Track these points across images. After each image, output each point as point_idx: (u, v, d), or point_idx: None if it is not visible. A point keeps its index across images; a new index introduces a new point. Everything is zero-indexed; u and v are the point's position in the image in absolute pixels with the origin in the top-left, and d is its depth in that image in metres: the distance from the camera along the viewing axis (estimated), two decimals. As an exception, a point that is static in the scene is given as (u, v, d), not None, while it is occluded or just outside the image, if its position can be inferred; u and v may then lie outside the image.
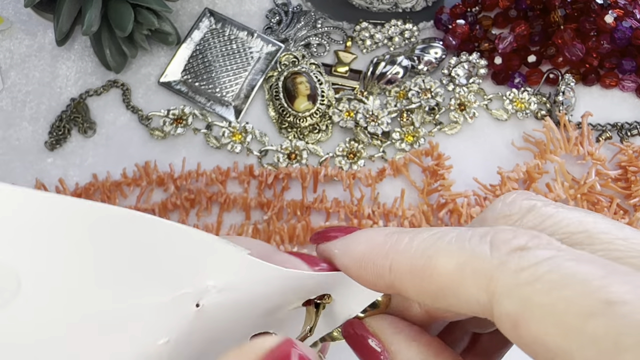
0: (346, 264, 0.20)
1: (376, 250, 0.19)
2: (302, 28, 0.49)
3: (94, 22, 0.42)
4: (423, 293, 0.17)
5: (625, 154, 0.44)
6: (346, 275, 0.21)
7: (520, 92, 0.47)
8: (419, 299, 0.18)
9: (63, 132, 0.47)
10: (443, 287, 0.17)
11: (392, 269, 0.18)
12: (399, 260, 0.18)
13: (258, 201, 0.44)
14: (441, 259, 0.17)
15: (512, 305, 0.15)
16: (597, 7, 0.45)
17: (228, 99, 0.47)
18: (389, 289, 0.18)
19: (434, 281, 0.17)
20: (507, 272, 0.15)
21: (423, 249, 0.17)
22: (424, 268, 0.17)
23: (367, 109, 0.46)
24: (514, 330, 0.15)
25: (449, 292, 0.16)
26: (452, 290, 0.16)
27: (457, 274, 0.16)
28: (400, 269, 0.18)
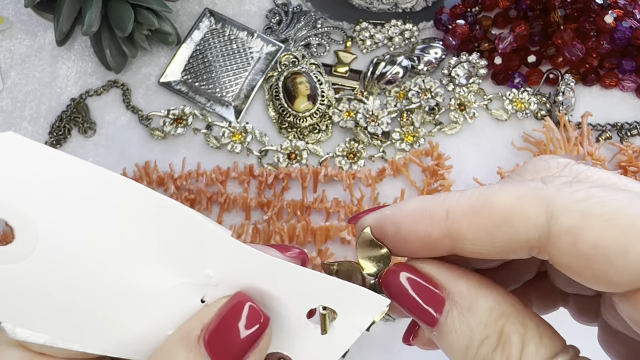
0: (398, 220, 0.20)
1: (431, 202, 0.20)
2: (302, 28, 0.49)
3: (94, 22, 0.42)
4: (480, 232, 0.18)
5: (625, 154, 0.44)
6: (348, 286, 0.21)
7: (520, 92, 0.47)
8: (475, 239, 0.19)
9: (63, 132, 0.47)
10: (502, 219, 0.18)
11: (449, 214, 0.19)
12: (456, 204, 0.19)
13: (258, 201, 0.44)
14: (500, 194, 0.18)
15: (572, 217, 0.17)
16: (597, 7, 0.46)
17: (228, 99, 0.47)
18: (444, 237, 0.19)
19: (494, 214, 0.18)
20: (564, 193, 0.17)
21: (479, 193, 0.19)
22: (483, 205, 0.18)
23: (367, 109, 0.46)
24: (573, 244, 0.17)
25: (507, 224, 0.18)
26: (510, 220, 0.18)
27: (517, 204, 0.18)
28: (458, 211, 0.19)
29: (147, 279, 0.21)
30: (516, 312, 0.19)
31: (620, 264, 0.16)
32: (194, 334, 0.20)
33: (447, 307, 0.19)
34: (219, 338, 0.19)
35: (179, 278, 0.21)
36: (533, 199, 0.17)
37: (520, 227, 0.18)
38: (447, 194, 0.20)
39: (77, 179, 0.19)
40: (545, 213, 0.17)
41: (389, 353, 0.42)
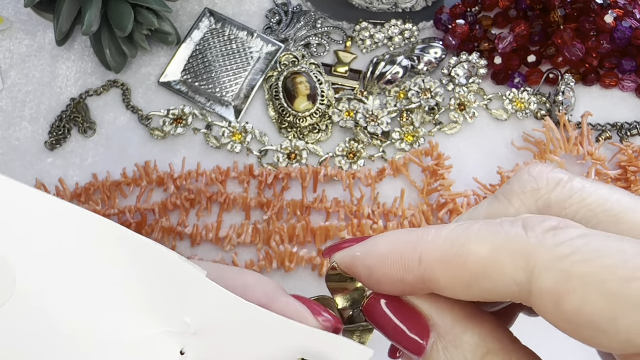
0: (370, 264, 0.19)
1: (403, 245, 0.18)
2: (302, 28, 0.49)
3: (94, 22, 0.42)
4: (456, 281, 0.17)
5: (625, 154, 0.44)
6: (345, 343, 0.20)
7: (520, 92, 0.47)
8: (451, 288, 0.17)
9: (63, 132, 0.47)
10: (478, 272, 0.16)
11: (422, 260, 0.18)
12: (429, 250, 0.18)
13: (258, 201, 0.44)
14: (474, 244, 0.17)
15: (553, 278, 0.15)
16: (597, 7, 0.46)
17: (228, 99, 0.47)
18: (418, 283, 0.18)
19: (469, 267, 0.17)
20: (545, 248, 0.15)
21: (454, 237, 0.17)
22: (457, 255, 0.17)
23: (367, 109, 0.46)
24: (556, 306, 0.15)
25: (483, 277, 0.16)
26: (487, 274, 0.16)
27: (493, 257, 0.16)
28: (430, 258, 0.17)
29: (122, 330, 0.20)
30: (503, 351, 0.17)
31: (610, 332, 0.15)
32: None
33: (432, 338, 0.18)
34: None
35: (156, 327, 0.20)
36: (511, 253, 0.16)
37: (498, 282, 0.16)
38: (422, 232, 0.18)
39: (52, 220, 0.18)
40: (525, 271, 0.16)
41: (389, 353, 0.42)
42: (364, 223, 0.42)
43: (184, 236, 0.44)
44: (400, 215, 0.43)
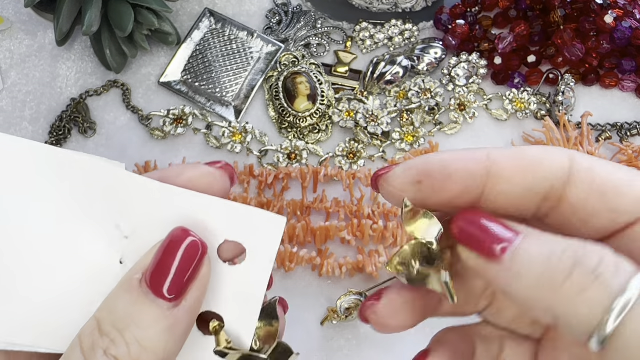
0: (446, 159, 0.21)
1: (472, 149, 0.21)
2: (302, 28, 0.49)
3: (94, 22, 0.42)
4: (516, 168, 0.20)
5: (625, 154, 0.44)
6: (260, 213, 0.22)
7: (520, 92, 0.47)
8: (510, 176, 0.20)
9: (63, 132, 0.47)
10: (535, 160, 0.20)
11: (490, 156, 0.21)
12: (496, 150, 0.21)
13: (258, 201, 0.44)
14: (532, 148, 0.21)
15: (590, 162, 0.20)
16: (597, 7, 0.46)
17: (228, 99, 0.47)
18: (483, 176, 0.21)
19: (528, 157, 0.21)
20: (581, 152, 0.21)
21: (514, 148, 0.21)
22: (519, 151, 0.21)
23: (367, 109, 0.46)
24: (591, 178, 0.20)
25: (538, 164, 0.21)
26: (542, 161, 0.21)
27: (547, 152, 0.21)
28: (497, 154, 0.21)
29: (66, 246, 0.21)
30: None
31: (628, 191, 0.19)
32: (135, 278, 0.20)
33: (524, 233, 0.19)
34: (159, 276, 0.20)
35: (95, 237, 0.21)
36: (557, 149, 0.21)
37: (550, 166, 0.20)
38: (490, 148, 0.22)
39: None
40: (569, 158, 0.20)
41: (389, 353, 0.42)
42: (364, 223, 0.42)
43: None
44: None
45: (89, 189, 0.21)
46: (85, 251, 0.21)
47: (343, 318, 0.41)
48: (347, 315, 0.41)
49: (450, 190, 0.21)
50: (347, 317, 0.41)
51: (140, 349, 0.19)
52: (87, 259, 0.21)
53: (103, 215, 0.21)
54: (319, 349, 0.42)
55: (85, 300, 0.21)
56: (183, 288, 0.20)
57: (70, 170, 0.21)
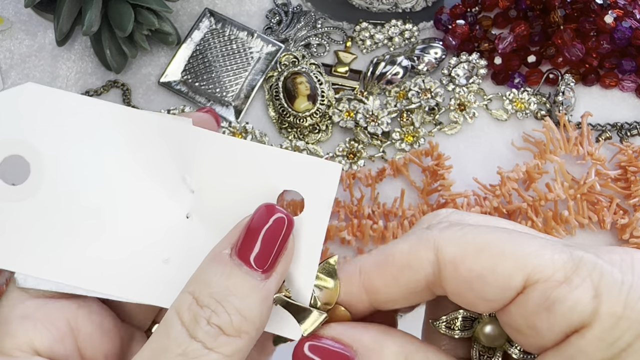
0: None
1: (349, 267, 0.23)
2: (302, 28, 0.49)
3: (94, 22, 0.42)
4: (387, 277, 0.22)
5: (625, 154, 0.44)
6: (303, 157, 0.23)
7: (520, 92, 0.47)
8: (384, 286, 0.22)
9: (63, 132, 0.47)
10: (402, 264, 0.22)
11: (361, 270, 0.22)
12: (365, 263, 0.23)
13: (258, 201, 0.44)
14: (398, 245, 0.22)
15: (453, 251, 0.21)
16: (597, 7, 0.46)
17: (228, 99, 0.47)
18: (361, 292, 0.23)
19: (396, 262, 0.22)
20: (445, 233, 0.21)
21: (382, 249, 0.23)
22: (386, 257, 0.22)
23: (367, 109, 0.46)
24: (455, 270, 0.21)
25: (407, 267, 0.21)
26: (409, 263, 0.21)
27: (411, 249, 0.22)
28: (367, 266, 0.22)
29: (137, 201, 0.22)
30: (419, 351, 0.21)
31: (492, 281, 0.20)
32: (224, 253, 0.21)
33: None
34: (249, 250, 0.21)
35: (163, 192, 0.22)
36: (422, 243, 0.21)
37: (418, 266, 0.21)
38: (359, 257, 0.23)
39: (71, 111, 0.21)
40: (433, 250, 0.21)
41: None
42: (364, 223, 0.42)
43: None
44: (400, 215, 0.43)
45: (156, 144, 0.22)
46: (153, 205, 0.22)
47: None
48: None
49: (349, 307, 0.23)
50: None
51: (241, 318, 0.20)
52: (155, 213, 0.22)
53: (170, 170, 0.22)
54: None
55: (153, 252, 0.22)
56: (273, 261, 0.21)
57: (139, 126, 0.22)
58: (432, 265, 0.21)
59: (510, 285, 0.20)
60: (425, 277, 0.21)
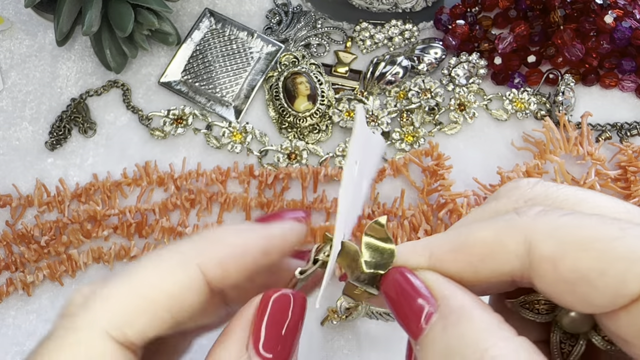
0: None
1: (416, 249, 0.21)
2: (302, 28, 0.49)
3: (94, 22, 0.42)
4: (464, 266, 0.19)
5: (625, 154, 0.44)
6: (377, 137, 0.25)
7: (520, 92, 0.47)
8: (460, 273, 0.20)
9: (63, 132, 0.47)
10: (484, 253, 0.19)
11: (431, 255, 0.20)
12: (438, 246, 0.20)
13: (258, 201, 0.44)
14: (479, 232, 0.19)
15: (551, 246, 0.18)
16: (597, 8, 0.46)
17: (228, 99, 0.47)
18: None
19: (476, 251, 0.19)
20: (539, 224, 0.18)
21: (458, 233, 0.20)
22: (465, 242, 0.19)
23: (367, 109, 0.46)
24: (554, 268, 0.18)
25: (489, 257, 0.19)
26: (492, 254, 0.19)
27: (496, 238, 0.19)
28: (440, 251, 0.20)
29: None
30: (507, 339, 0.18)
31: (600, 285, 0.17)
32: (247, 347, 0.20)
33: (434, 317, 0.19)
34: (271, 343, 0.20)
35: None
36: (511, 232, 0.19)
37: (503, 258, 0.19)
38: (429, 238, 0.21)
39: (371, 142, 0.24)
40: (524, 243, 0.18)
41: (389, 353, 0.42)
42: (364, 223, 0.42)
43: (184, 236, 0.44)
44: (400, 215, 0.43)
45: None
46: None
47: (343, 318, 0.41)
48: (347, 315, 0.41)
49: None
50: (347, 317, 0.41)
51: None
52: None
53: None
54: (319, 349, 0.42)
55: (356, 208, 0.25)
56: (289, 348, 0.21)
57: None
58: (520, 260, 0.18)
59: (624, 292, 0.17)
60: (511, 272, 0.19)
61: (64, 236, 0.44)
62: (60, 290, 0.44)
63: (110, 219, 0.44)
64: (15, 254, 0.44)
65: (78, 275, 0.44)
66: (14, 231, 0.44)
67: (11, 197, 0.45)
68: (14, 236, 0.44)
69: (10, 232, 0.44)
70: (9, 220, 0.45)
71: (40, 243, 0.44)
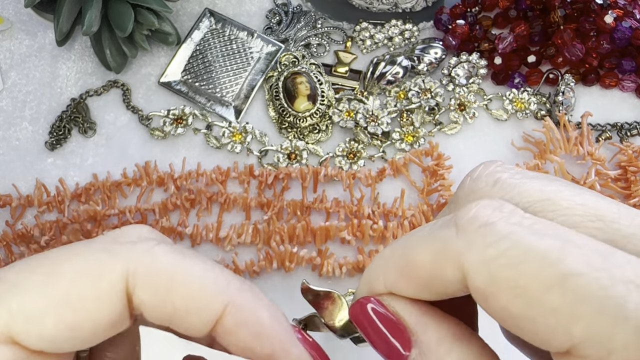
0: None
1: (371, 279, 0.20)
2: (302, 28, 0.49)
3: (94, 22, 0.42)
4: (417, 287, 0.18)
5: (625, 154, 0.44)
6: None
7: (520, 92, 0.47)
8: (416, 294, 0.18)
9: (63, 132, 0.47)
10: (429, 276, 0.18)
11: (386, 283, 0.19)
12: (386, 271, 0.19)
13: (258, 201, 0.44)
14: (418, 253, 0.18)
15: (481, 279, 0.16)
16: (597, 7, 0.46)
17: (228, 99, 0.47)
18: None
19: (420, 274, 0.18)
20: (473, 250, 0.17)
21: (402, 248, 0.19)
22: (407, 266, 0.18)
23: (367, 109, 0.46)
24: (484, 302, 0.17)
25: (435, 280, 0.18)
26: (436, 277, 0.18)
27: (434, 263, 0.18)
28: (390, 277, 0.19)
29: None
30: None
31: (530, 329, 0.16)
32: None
33: (413, 354, 0.18)
34: None
35: None
36: (447, 257, 0.17)
37: (447, 282, 0.18)
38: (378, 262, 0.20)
39: None
40: (460, 271, 0.17)
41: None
42: (364, 223, 0.42)
43: (184, 236, 0.44)
44: (400, 215, 0.43)
45: None
46: None
47: None
48: (347, 315, 0.41)
49: None
50: (347, 317, 0.41)
51: None
52: None
53: None
54: (319, 349, 0.42)
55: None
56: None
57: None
58: (461, 284, 0.17)
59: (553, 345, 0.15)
60: (457, 292, 0.18)
61: (64, 236, 0.44)
62: (60, 290, 0.44)
63: (110, 219, 0.44)
64: (15, 254, 0.44)
65: (78, 275, 0.44)
66: (13, 231, 0.44)
67: (11, 197, 0.45)
68: (14, 236, 0.44)
69: (10, 232, 0.44)
70: (9, 220, 0.45)
71: (40, 243, 0.44)
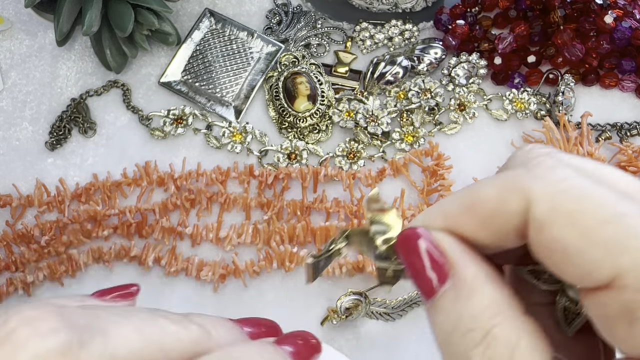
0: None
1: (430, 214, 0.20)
2: (302, 28, 0.49)
3: (94, 22, 0.42)
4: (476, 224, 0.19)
5: (625, 154, 0.44)
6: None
7: (520, 92, 0.47)
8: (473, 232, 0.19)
9: (63, 132, 0.47)
10: (491, 209, 0.19)
11: (446, 218, 0.20)
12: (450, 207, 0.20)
13: (258, 201, 0.44)
14: (485, 188, 0.19)
15: (543, 208, 0.17)
16: (597, 8, 0.46)
17: (228, 99, 0.47)
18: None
19: (484, 207, 0.19)
20: (542, 183, 0.18)
21: (465, 193, 0.20)
22: (472, 202, 0.19)
23: (367, 109, 0.46)
24: (538, 232, 0.17)
25: (497, 214, 0.18)
26: (498, 210, 0.18)
27: (500, 194, 0.18)
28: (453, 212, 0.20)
29: None
30: (513, 318, 0.18)
31: (576, 262, 0.17)
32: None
33: (447, 285, 0.19)
34: None
35: None
36: (514, 188, 0.18)
37: (507, 215, 0.18)
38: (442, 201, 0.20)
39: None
40: (525, 201, 0.18)
41: (389, 353, 0.42)
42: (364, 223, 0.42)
43: (184, 236, 0.44)
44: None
45: None
46: None
47: (343, 318, 0.41)
48: (347, 315, 0.41)
49: None
50: (347, 317, 0.41)
51: None
52: None
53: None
54: (319, 349, 0.42)
55: None
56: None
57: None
58: (520, 217, 0.18)
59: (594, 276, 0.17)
60: (516, 227, 0.18)
61: (64, 236, 0.44)
62: (60, 290, 0.44)
63: (110, 219, 0.44)
64: (15, 254, 0.44)
65: (78, 275, 0.44)
66: (14, 231, 0.44)
67: (11, 197, 0.45)
68: (14, 236, 0.44)
69: (10, 232, 0.44)
70: (9, 220, 0.45)
71: (40, 243, 0.44)
